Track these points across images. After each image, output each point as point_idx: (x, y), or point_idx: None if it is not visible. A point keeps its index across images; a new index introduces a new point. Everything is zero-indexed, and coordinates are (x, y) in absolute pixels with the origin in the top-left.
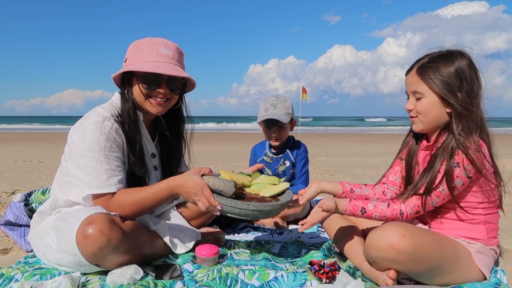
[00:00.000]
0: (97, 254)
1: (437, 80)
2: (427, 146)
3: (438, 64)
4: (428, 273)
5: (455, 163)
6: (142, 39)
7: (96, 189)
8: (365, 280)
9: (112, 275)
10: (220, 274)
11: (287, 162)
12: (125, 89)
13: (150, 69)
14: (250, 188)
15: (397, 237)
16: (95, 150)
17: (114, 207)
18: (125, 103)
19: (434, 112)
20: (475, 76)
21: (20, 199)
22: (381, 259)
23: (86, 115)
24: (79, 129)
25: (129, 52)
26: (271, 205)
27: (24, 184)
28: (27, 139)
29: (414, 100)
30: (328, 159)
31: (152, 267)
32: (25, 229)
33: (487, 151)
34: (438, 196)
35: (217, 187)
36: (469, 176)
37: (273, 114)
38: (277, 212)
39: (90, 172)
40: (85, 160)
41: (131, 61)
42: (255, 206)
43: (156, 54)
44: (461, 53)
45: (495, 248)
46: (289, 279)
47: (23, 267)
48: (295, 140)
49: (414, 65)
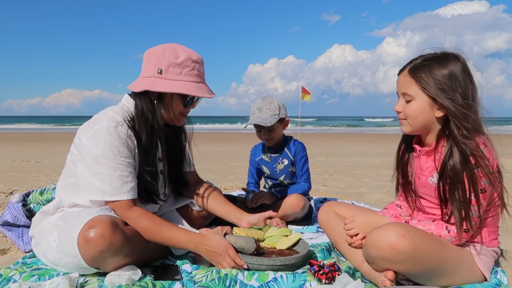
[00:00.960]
0: (98, 258)
1: (430, 81)
2: (428, 152)
3: (432, 65)
4: (428, 275)
5: (473, 165)
6: (175, 47)
7: (110, 196)
8: (364, 281)
9: (111, 276)
10: (219, 275)
11: (286, 160)
12: (150, 98)
13: (198, 93)
14: (264, 242)
15: (396, 237)
16: (108, 157)
17: (129, 219)
18: (147, 111)
19: (422, 116)
20: (469, 80)
21: (18, 200)
22: (380, 259)
23: (97, 118)
24: (88, 132)
25: (166, 64)
26: (295, 257)
27: (22, 184)
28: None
29: (403, 102)
30: (327, 159)
31: (151, 268)
32: (23, 229)
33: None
34: (474, 204)
35: (239, 245)
36: (491, 172)
37: (258, 118)
38: (300, 264)
39: (103, 179)
40: (98, 166)
41: (170, 76)
42: (281, 261)
43: (197, 74)
44: (456, 56)
45: (495, 249)
46: (289, 280)
47: (21, 268)
48: (292, 139)
49: (406, 65)
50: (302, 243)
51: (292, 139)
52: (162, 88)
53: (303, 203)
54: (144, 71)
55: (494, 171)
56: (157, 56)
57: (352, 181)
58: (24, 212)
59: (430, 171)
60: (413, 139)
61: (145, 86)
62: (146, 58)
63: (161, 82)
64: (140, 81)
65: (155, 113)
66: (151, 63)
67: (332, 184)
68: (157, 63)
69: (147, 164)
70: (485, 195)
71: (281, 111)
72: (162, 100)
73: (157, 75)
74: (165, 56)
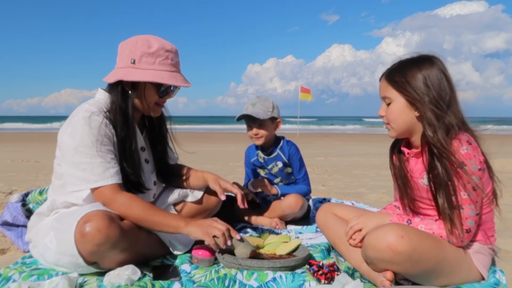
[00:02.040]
0: (95, 252)
1: (403, 83)
2: (416, 154)
3: (405, 68)
4: (427, 275)
5: (460, 163)
6: (148, 38)
7: (94, 183)
8: (363, 281)
9: (109, 276)
10: (218, 275)
11: (279, 162)
12: (123, 88)
13: (172, 81)
14: (264, 249)
15: (395, 238)
16: (87, 145)
17: (120, 205)
18: (120, 101)
19: (402, 117)
20: (446, 80)
21: (17, 199)
22: (378, 260)
23: (72, 114)
24: (67, 129)
25: (139, 54)
26: (295, 260)
27: (21, 184)
28: (24, 139)
29: (385, 106)
30: (326, 159)
31: (150, 268)
32: (22, 229)
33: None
34: (470, 203)
35: (236, 246)
36: (479, 168)
37: (249, 111)
38: (300, 266)
39: (85, 168)
40: (78, 156)
41: (143, 65)
42: (281, 263)
43: (170, 63)
44: (430, 58)
45: (492, 247)
46: (288, 280)
47: (20, 268)
48: (285, 140)
49: (386, 71)
50: (301, 249)
51: (284, 139)
52: (135, 77)
53: (302, 203)
54: (118, 63)
55: (483, 168)
56: (130, 47)
57: (351, 181)
58: (24, 212)
59: (420, 172)
60: (402, 143)
61: (118, 76)
62: (120, 50)
63: (134, 72)
64: (114, 72)
65: (127, 103)
66: (124, 54)
67: (331, 184)
68: (130, 54)
69: (126, 153)
70: (478, 192)
71: (274, 110)
72: (136, 90)
73: (130, 65)
74: (138, 46)
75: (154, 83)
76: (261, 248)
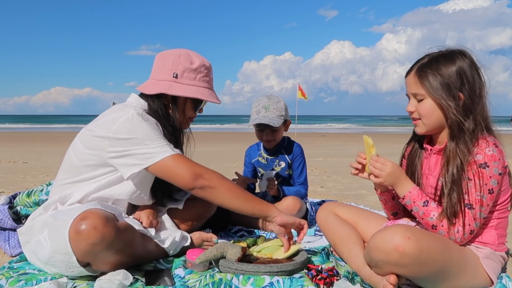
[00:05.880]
0: (89, 251)
1: (436, 82)
2: (439, 150)
3: (438, 64)
4: (433, 278)
5: (483, 164)
6: (189, 53)
7: (171, 151)
8: (364, 286)
9: (100, 281)
10: (213, 280)
11: (283, 163)
12: (164, 102)
13: (211, 98)
14: (261, 252)
15: (402, 239)
16: (152, 138)
17: (213, 172)
18: (165, 113)
19: (437, 113)
20: (478, 76)
21: (4, 202)
22: (384, 262)
23: (116, 113)
24: (112, 126)
25: (181, 69)
26: (293, 264)
27: (8, 186)
28: (11, 139)
29: (415, 102)
30: (325, 159)
31: (142, 273)
32: (9, 233)
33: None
34: (481, 205)
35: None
36: (500, 173)
37: (265, 117)
38: (298, 270)
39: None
40: (147, 147)
41: (185, 80)
42: (278, 268)
43: (208, 80)
44: (462, 52)
45: (503, 255)
46: (285, 285)
47: (7, 273)
48: (290, 140)
49: (413, 66)
50: (300, 253)
51: (289, 140)
52: (178, 92)
53: (299, 205)
54: (158, 74)
55: (504, 173)
56: (172, 60)
57: (351, 182)
58: (11, 215)
59: (439, 170)
60: (424, 140)
61: (161, 89)
62: (159, 61)
63: (177, 86)
64: (153, 83)
65: (170, 116)
66: (165, 66)
67: (330, 185)
68: (173, 67)
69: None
70: (493, 195)
71: (286, 112)
72: (175, 104)
73: (173, 79)
74: (181, 61)
75: (193, 99)
76: (258, 252)
